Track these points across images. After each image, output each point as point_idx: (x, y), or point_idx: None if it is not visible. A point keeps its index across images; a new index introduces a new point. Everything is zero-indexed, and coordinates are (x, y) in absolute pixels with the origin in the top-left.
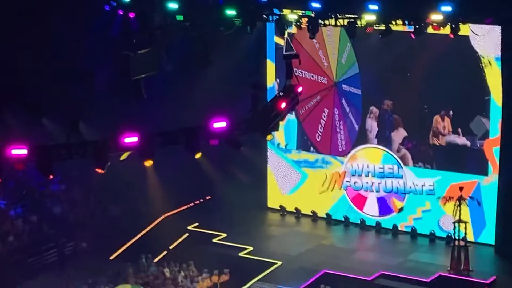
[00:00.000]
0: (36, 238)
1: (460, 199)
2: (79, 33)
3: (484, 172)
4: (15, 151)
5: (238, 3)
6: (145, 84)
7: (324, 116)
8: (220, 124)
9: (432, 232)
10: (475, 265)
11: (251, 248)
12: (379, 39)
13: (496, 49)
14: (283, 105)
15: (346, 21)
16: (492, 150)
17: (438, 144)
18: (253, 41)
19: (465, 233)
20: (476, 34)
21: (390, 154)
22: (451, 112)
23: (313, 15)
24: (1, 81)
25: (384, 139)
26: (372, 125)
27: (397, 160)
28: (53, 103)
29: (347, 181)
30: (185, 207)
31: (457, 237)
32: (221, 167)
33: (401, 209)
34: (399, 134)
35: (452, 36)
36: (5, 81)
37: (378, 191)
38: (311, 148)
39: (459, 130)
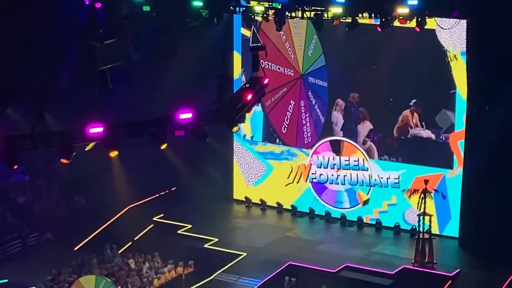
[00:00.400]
0: (0, 229)
1: (425, 192)
2: (44, 22)
3: (449, 165)
4: None
5: None
6: (111, 75)
7: (290, 108)
8: (186, 115)
9: (397, 224)
10: (440, 258)
11: (216, 240)
12: (346, 32)
13: (462, 43)
14: (249, 96)
15: (313, 13)
16: (457, 143)
17: (403, 138)
18: (219, 32)
19: (430, 226)
20: (442, 28)
21: (356, 147)
22: (419, 108)
23: (280, 7)
24: None
25: (349, 132)
26: (338, 117)
27: (363, 153)
28: (17, 92)
29: (312, 173)
30: (151, 198)
31: (421, 230)
32: (187, 159)
33: (366, 202)
34: (365, 127)
35: (418, 29)
36: None
37: (343, 183)
38: (277, 140)
39: (424, 123)
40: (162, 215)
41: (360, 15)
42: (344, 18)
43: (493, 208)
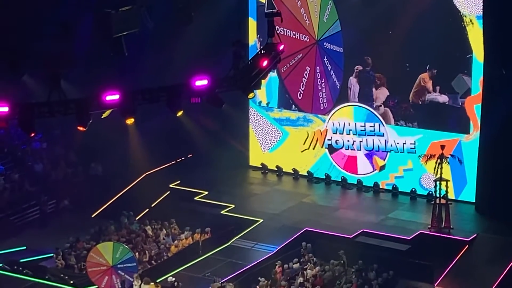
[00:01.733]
0: (18, 196)
1: (442, 157)
2: None
3: (465, 130)
4: None
5: None
6: (126, 42)
7: (306, 74)
8: (201, 82)
9: (413, 190)
10: (456, 223)
11: (233, 206)
12: None
13: (478, 7)
14: (264, 63)
15: None
16: (473, 108)
17: (420, 103)
18: None
19: (446, 191)
20: None
21: (372, 112)
22: (435, 71)
23: None
24: None
25: (366, 97)
26: (354, 83)
27: (379, 118)
28: (34, 60)
29: (328, 140)
30: (167, 165)
31: (438, 195)
32: (203, 125)
33: (382, 167)
34: (382, 92)
35: None
36: None
37: (359, 149)
38: (293, 106)
39: (439, 88)
40: (178, 182)
41: None
42: None
43: (509, 172)
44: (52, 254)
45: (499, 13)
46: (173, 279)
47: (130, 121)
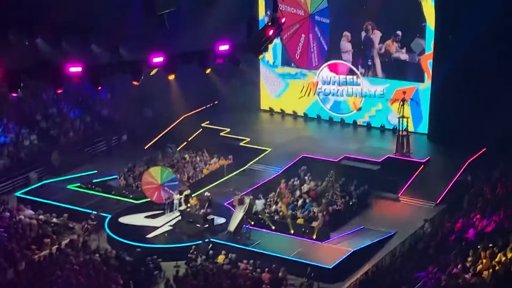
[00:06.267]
0: (90, 134)
1: (403, 100)
2: None
3: (421, 80)
4: (72, 69)
5: None
6: (168, 17)
7: (302, 40)
8: (224, 47)
9: (383, 125)
10: (414, 149)
11: (249, 139)
12: None
13: None
14: (270, 32)
15: None
16: (427, 63)
17: (386, 60)
18: None
19: (407, 125)
20: None
21: (351, 68)
22: (399, 37)
23: None
24: (58, 15)
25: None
26: (345, 46)
27: (356, 72)
28: (99, 32)
29: (319, 88)
30: (199, 109)
31: (401, 129)
32: (225, 79)
33: (359, 109)
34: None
35: None
36: (60, 15)
37: (342, 95)
38: (292, 64)
39: (402, 48)
40: (208, 122)
41: None
42: None
43: (454, 110)
44: (116, 176)
45: None
46: (209, 193)
47: (171, 77)
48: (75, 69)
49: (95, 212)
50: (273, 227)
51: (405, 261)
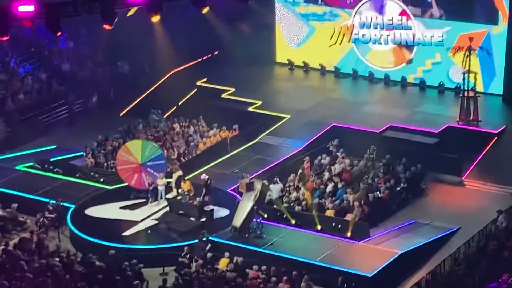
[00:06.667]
0: (46, 96)
1: (470, 49)
2: None
3: (494, 21)
4: (22, 8)
5: None
6: None
7: None
8: None
9: (441, 83)
10: (484, 115)
11: (260, 103)
12: None
13: None
14: None
15: None
16: None
17: None
18: None
19: (475, 84)
20: None
21: (400, 5)
22: None
23: None
24: None
25: None
26: None
27: (406, 12)
28: None
29: (355, 34)
30: (193, 62)
31: (466, 88)
32: (229, 22)
33: (410, 61)
34: None
35: None
36: None
37: (386, 43)
38: (319, 1)
39: None
40: (205, 79)
41: None
42: None
43: None
44: (81, 153)
45: None
46: (206, 176)
47: (156, 18)
48: (26, 8)
49: (54, 202)
50: (293, 221)
51: (471, 267)
